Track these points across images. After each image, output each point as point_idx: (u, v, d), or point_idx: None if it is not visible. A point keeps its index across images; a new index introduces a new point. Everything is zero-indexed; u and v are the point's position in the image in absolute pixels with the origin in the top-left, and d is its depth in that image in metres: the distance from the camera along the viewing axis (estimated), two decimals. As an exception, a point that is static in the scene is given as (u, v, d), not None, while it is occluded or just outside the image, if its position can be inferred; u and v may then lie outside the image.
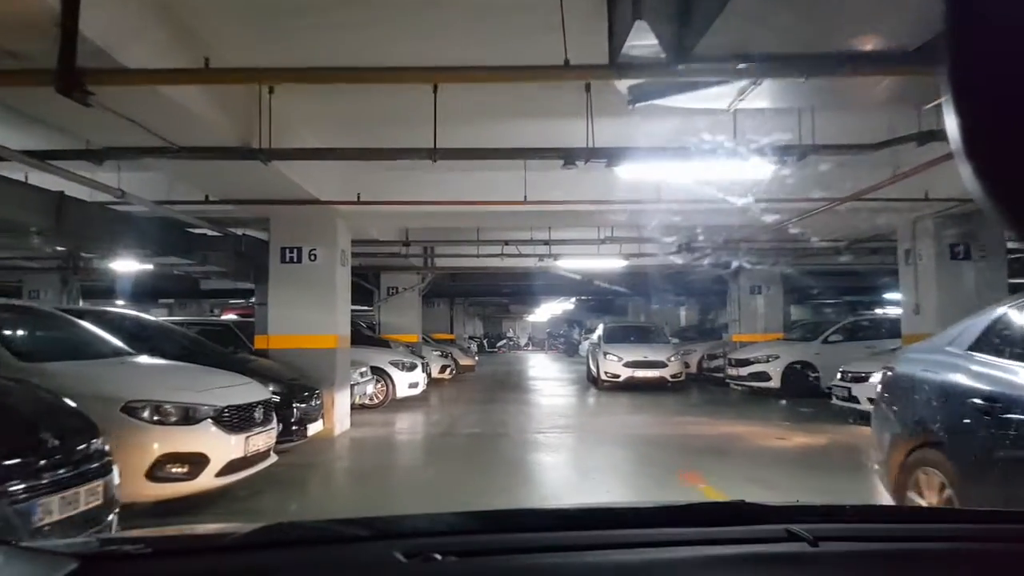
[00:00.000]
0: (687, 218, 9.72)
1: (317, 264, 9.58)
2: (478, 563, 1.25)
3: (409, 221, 11.33)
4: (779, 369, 14.95)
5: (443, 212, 9.65)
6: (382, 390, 12.93)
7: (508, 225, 12.63)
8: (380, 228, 12.11)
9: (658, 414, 11.98)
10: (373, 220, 10.51)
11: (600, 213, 9.72)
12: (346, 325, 10.23)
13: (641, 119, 6.48)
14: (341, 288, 9.90)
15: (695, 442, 9.15)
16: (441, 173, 9.26)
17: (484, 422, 11.05)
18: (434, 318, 25.43)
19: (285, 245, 9.60)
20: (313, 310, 9.51)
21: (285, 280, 9.56)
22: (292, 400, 7.66)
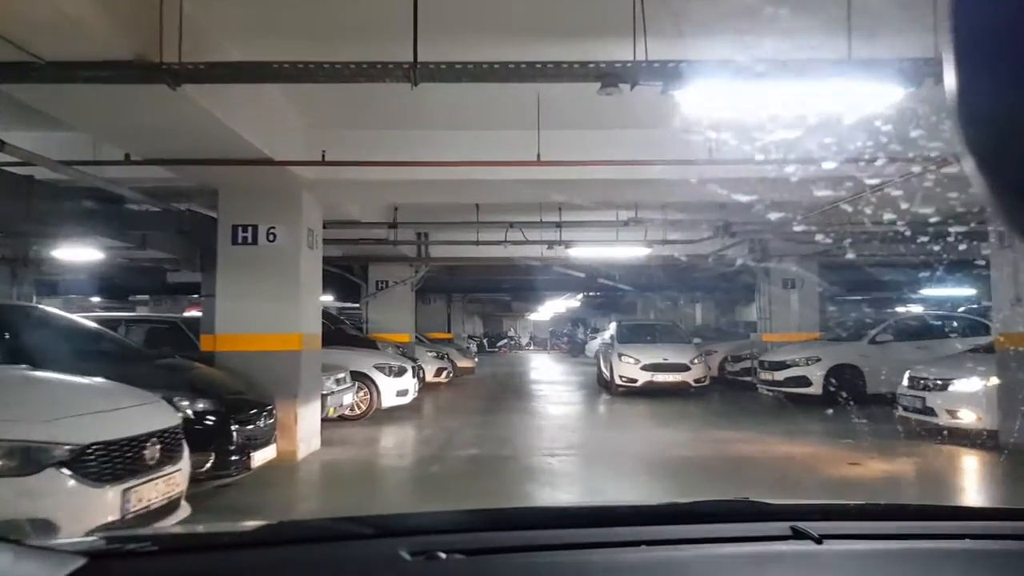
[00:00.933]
0: (735, 189, 7.86)
1: (277, 246, 7.70)
2: (483, 561, 1.24)
3: (395, 195, 9.38)
4: (821, 373, 13.09)
5: (435, 182, 7.77)
6: (365, 399, 11.06)
7: (513, 203, 10.73)
8: (361, 206, 10.21)
9: (689, 428, 10.12)
10: (349, 193, 8.60)
11: (629, 184, 7.83)
12: (315, 322, 8.35)
13: (705, 37, 4.65)
14: (308, 276, 8.02)
15: (750, 469, 7.28)
16: (431, 130, 7.41)
17: (484, 439, 9.14)
18: (430, 316, 23.65)
19: (237, 222, 7.72)
20: (272, 303, 7.63)
21: (237, 266, 7.68)
22: (230, 421, 5.79)
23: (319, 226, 8.45)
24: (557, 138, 7.00)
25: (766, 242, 14.64)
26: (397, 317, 15.79)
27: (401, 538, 1.27)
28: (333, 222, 9.99)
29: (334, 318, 14.51)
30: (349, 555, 1.27)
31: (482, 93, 6.72)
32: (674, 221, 10.03)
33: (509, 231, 11.82)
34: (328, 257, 14.78)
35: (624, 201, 11.08)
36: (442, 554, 1.19)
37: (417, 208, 11.38)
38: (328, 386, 9.06)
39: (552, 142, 6.88)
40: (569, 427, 10.54)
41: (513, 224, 10.27)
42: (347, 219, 10.04)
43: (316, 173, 7.47)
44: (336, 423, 9.79)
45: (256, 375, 7.11)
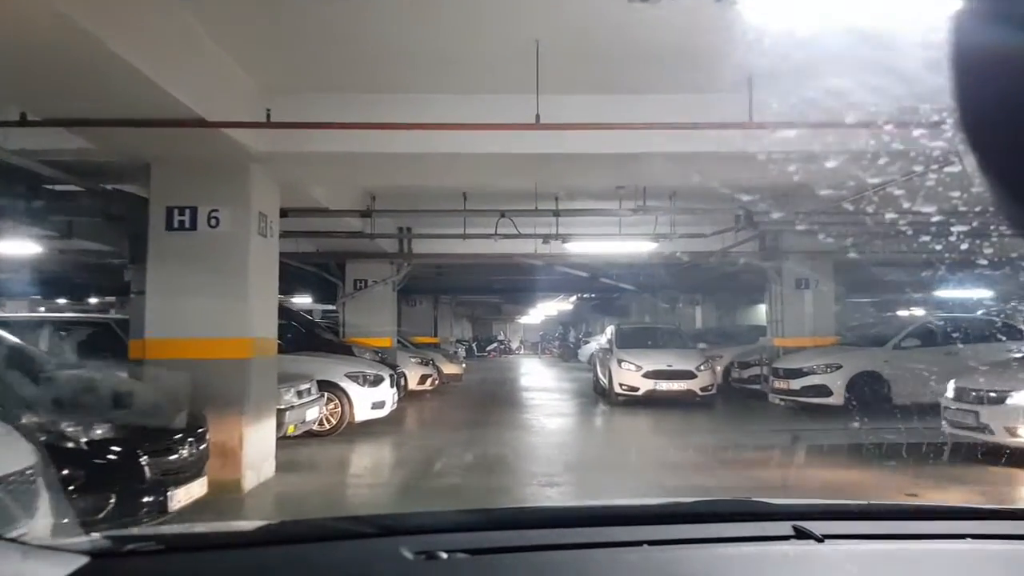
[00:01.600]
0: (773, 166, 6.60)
1: (221, 232, 6.39)
2: (484, 561, 1.25)
3: (367, 175, 8.01)
4: (842, 382, 11.93)
5: (413, 158, 6.50)
6: (335, 412, 9.74)
7: (505, 190, 9.48)
8: (329, 189, 8.88)
9: (705, 446, 8.85)
10: (311, 170, 7.25)
11: (644, 161, 6.55)
12: (269, 324, 7.04)
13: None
14: (260, 270, 6.72)
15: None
16: (409, 94, 6.12)
17: (470, 462, 7.82)
18: (415, 319, 22.37)
19: (173, 204, 6.41)
20: (214, 302, 6.32)
21: (172, 256, 6.37)
22: (138, 452, 4.48)
23: (275, 211, 7.14)
24: (559, 104, 5.74)
25: (779, 236, 13.45)
26: (377, 320, 14.44)
27: (402, 537, 1.28)
28: (297, 209, 8.69)
29: (305, 320, 13.18)
30: (350, 554, 1.28)
31: (471, 45, 5.48)
32: (686, 210, 8.76)
33: (500, 223, 10.54)
34: (300, 253, 13.51)
35: (630, 190, 9.85)
36: (443, 553, 1.19)
37: (396, 195, 10.07)
38: (287, 399, 7.75)
39: (552, 109, 5.62)
40: (568, 445, 9.24)
41: (505, 213, 8.97)
42: (314, 206, 8.71)
43: (267, 143, 6.17)
44: (300, 440, 8.49)
45: (185, 390, 5.79)
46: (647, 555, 1.28)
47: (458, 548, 1.22)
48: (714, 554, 1.31)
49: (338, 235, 10.80)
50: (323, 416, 9.63)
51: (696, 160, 6.58)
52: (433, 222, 11.75)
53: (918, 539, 1.39)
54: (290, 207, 8.63)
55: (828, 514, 1.48)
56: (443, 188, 9.91)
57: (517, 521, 1.52)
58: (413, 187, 10.01)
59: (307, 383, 8.62)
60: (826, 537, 1.30)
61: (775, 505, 1.51)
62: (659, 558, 1.28)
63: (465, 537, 1.32)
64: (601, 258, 13.85)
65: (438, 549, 1.20)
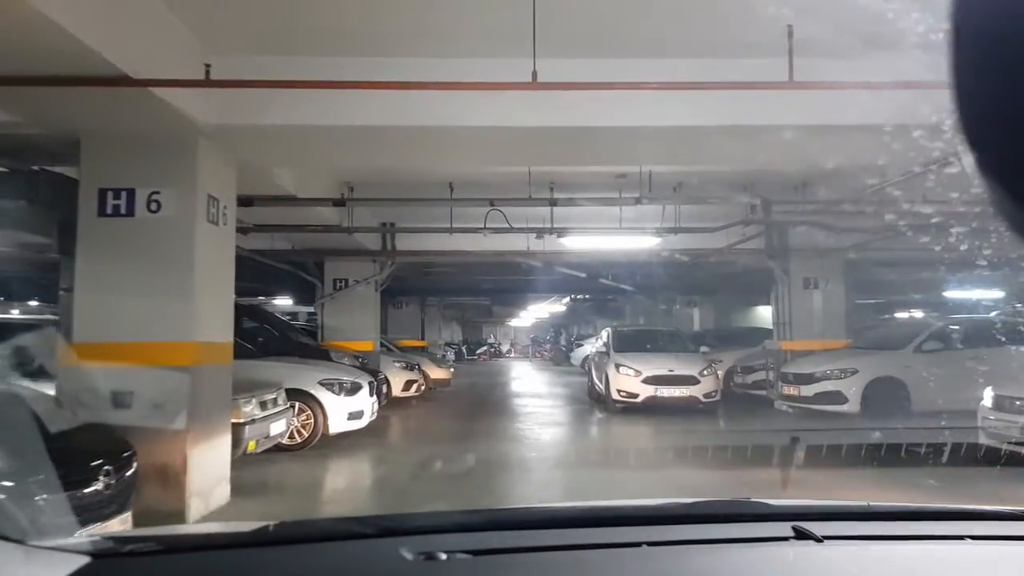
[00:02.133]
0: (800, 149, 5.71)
1: (162, 218, 5.45)
2: (483, 561, 1.24)
3: (337, 154, 6.89)
4: (858, 388, 11.07)
5: (388, 132, 5.60)
6: (308, 423, 8.81)
7: (495, 175, 8.59)
8: (298, 175, 7.94)
9: (721, 461, 7.93)
10: (272, 148, 6.25)
11: (655, 135, 5.66)
12: (222, 326, 6.09)
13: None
14: (210, 263, 5.78)
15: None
16: (384, 57, 5.21)
17: (455, 485, 6.78)
18: (402, 322, 21.48)
19: (107, 186, 5.46)
20: (154, 300, 5.37)
21: (105, 246, 5.42)
22: (32, 489, 3.54)
23: (230, 196, 6.20)
24: (558, 68, 4.84)
25: (786, 233, 12.61)
26: (359, 322, 13.48)
27: (402, 538, 1.28)
28: (263, 197, 7.78)
29: (278, 322, 12.26)
30: (350, 555, 1.29)
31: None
32: (697, 198, 7.84)
33: (490, 216, 9.65)
34: (275, 251, 12.60)
35: (631, 180, 8.97)
36: (443, 554, 1.20)
37: (375, 184, 9.13)
38: (247, 412, 6.81)
39: (550, 73, 4.72)
40: (567, 463, 8.29)
41: (495, 203, 8.05)
42: (280, 194, 7.77)
43: (215, 114, 5.25)
44: (268, 456, 7.56)
45: (125, 401, 4.87)
46: (647, 556, 1.28)
47: (458, 549, 1.22)
48: (714, 555, 1.31)
49: (312, 229, 9.86)
50: (294, 428, 8.72)
51: (715, 136, 5.68)
52: (416, 215, 10.82)
53: (918, 540, 1.40)
54: (255, 195, 7.73)
55: (828, 515, 1.49)
56: (427, 176, 9.02)
57: (517, 522, 1.51)
58: (393, 175, 9.12)
59: (273, 392, 7.68)
60: (826, 538, 1.30)
61: (774, 506, 1.51)
62: (659, 559, 1.29)
63: (465, 538, 1.34)
64: (599, 255, 12.93)
65: (438, 550, 1.20)
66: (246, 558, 1.27)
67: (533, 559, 1.27)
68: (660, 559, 1.29)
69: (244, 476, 6.63)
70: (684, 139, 5.79)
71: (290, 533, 1.34)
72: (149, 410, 4.97)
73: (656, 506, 1.58)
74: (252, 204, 7.71)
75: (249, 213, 9.02)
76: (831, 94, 4.88)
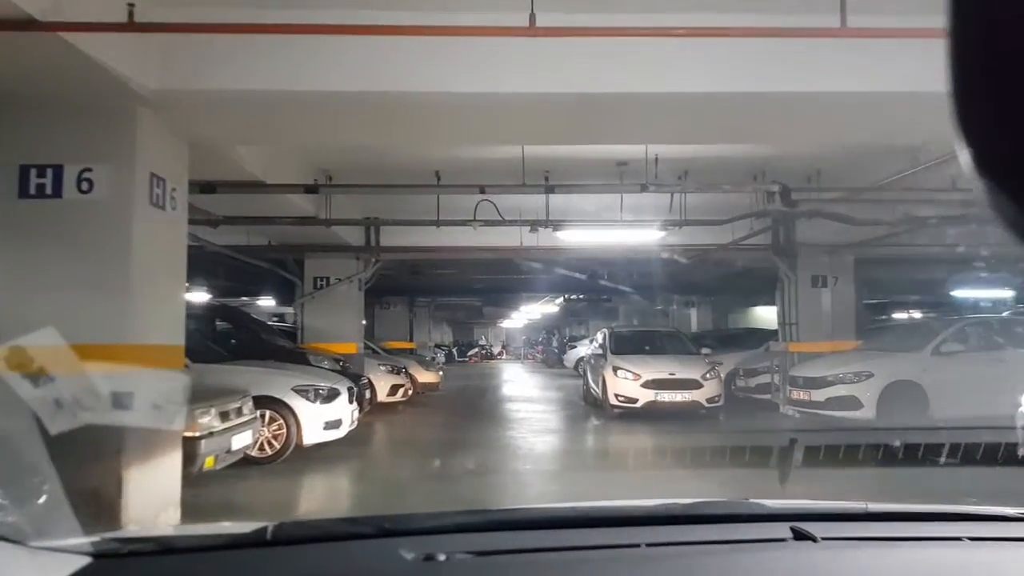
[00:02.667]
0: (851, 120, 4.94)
1: (95, 200, 4.64)
2: (483, 562, 1.25)
3: (305, 130, 6.03)
4: (874, 393, 10.33)
5: (363, 103, 4.82)
6: (280, 434, 8.01)
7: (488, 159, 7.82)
8: (267, 158, 7.14)
9: (735, 476, 7.18)
10: (227, 121, 5.34)
11: (673, 104, 4.90)
12: (168, 327, 5.26)
13: None
14: (154, 251, 4.97)
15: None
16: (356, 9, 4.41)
17: (441, 509, 6.07)
18: (389, 323, 20.74)
19: (29, 162, 4.65)
20: (83, 295, 4.57)
21: (25, 233, 4.60)
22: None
23: (181, 177, 5.39)
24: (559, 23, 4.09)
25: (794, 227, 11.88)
26: (341, 323, 12.67)
27: (402, 539, 1.29)
28: (227, 183, 6.98)
29: (251, 323, 11.45)
30: (350, 556, 1.29)
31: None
32: (710, 185, 7.03)
33: (480, 207, 8.87)
34: (251, 246, 11.80)
35: (633, 168, 8.23)
36: (442, 555, 1.20)
37: (353, 170, 8.33)
38: (205, 424, 6.01)
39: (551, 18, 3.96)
40: (566, 477, 7.48)
41: (485, 190, 7.26)
42: (247, 179, 6.97)
43: (156, 77, 4.46)
44: (233, 471, 6.77)
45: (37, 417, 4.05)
46: (646, 556, 1.28)
47: (457, 550, 1.23)
48: (712, 555, 1.30)
49: (286, 220, 9.04)
50: (264, 439, 7.93)
51: (740, 107, 4.93)
52: (400, 206, 10.03)
53: (916, 541, 1.40)
54: (218, 180, 6.94)
55: (826, 516, 1.49)
56: (411, 164, 8.24)
57: (516, 522, 1.51)
58: (374, 163, 8.34)
59: (238, 400, 6.89)
60: (824, 539, 1.30)
61: (773, 507, 1.50)
62: (657, 560, 1.29)
63: (464, 538, 1.34)
64: (596, 252, 12.17)
65: (437, 551, 1.20)
66: (246, 559, 1.28)
67: (532, 560, 1.27)
68: (659, 560, 1.29)
69: (202, 496, 5.85)
70: (701, 110, 5.02)
71: (290, 534, 1.33)
72: (72, 428, 4.17)
73: (655, 507, 1.55)
74: (215, 191, 6.92)
75: (217, 203, 8.24)
76: (880, 55, 4.15)
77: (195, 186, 6.86)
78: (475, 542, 1.30)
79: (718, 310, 21.84)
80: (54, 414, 4.15)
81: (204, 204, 8.41)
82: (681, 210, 9.01)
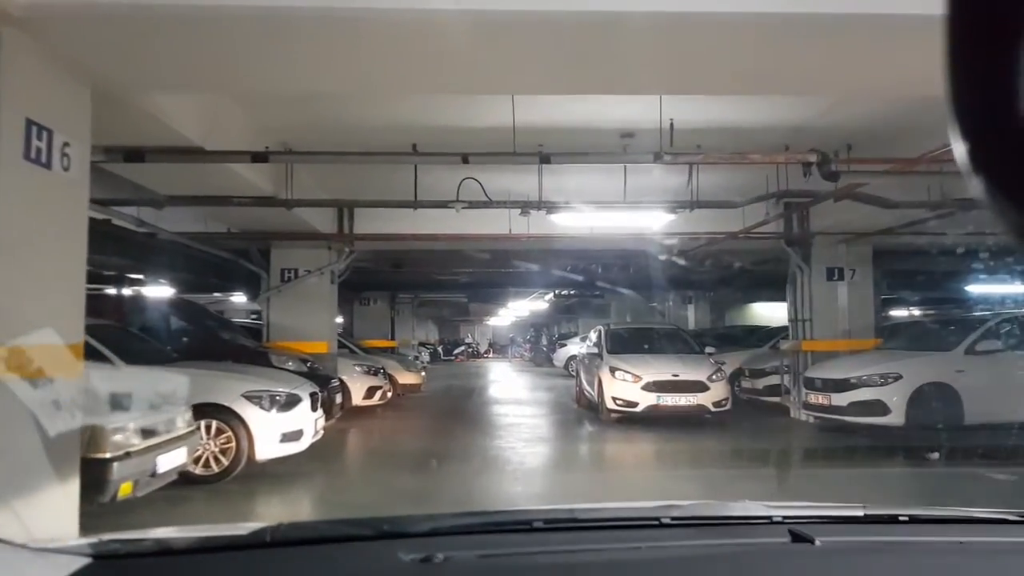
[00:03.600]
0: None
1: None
2: (481, 564, 1.25)
3: (230, 63, 4.67)
4: (902, 396, 9.29)
5: (312, 33, 3.68)
6: (227, 448, 6.84)
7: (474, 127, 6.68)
8: (204, 114, 5.91)
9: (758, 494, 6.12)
10: (127, 50, 4.02)
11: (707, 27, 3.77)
12: (62, 322, 4.07)
13: None
14: (29, 221, 3.78)
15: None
16: None
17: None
18: (370, 320, 19.63)
19: None
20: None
21: None
22: None
23: (79, 130, 4.17)
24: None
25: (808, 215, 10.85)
26: (311, 319, 11.46)
27: (399, 540, 1.30)
28: (156, 149, 5.79)
29: (213, 320, 10.28)
30: (347, 557, 1.29)
31: None
32: (736, 154, 5.88)
33: (464, 186, 7.74)
34: (209, 234, 10.61)
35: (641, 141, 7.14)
36: (440, 557, 1.18)
37: (317, 141, 7.14)
38: (119, 441, 4.84)
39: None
40: (563, 499, 6.35)
41: (468, 159, 6.10)
42: (181, 144, 5.77)
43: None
44: (171, 492, 5.62)
45: None
46: (644, 559, 1.28)
47: (455, 552, 1.22)
48: (711, 558, 1.30)
49: (241, 201, 7.84)
50: (210, 455, 6.78)
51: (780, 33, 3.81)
52: (374, 187, 8.87)
53: (914, 545, 1.40)
54: (146, 145, 5.76)
55: (824, 519, 1.49)
56: (383, 131, 7.10)
57: (514, 524, 1.50)
58: (338, 131, 7.18)
59: (171, 411, 5.73)
60: (822, 542, 1.29)
61: (771, 507, 1.49)
62: (656, 562, 1.28)
63: (462, 540, 1.34)
64: (595, 240, 11.01)
65: (435, 552, 1.19)
66: (244, 560, 1.27)
67: (531, 562, 1.27)
68: (658, 562, 1.28)
69: (118, 526, 4.68)
70: (726, 39, 3.89)
71: (288, 535, 1.33)
72: None
73: (653, 508, 1.51)
74: (143, 159, 5.73)
75: (153, 177, 7.06)
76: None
77: (117, 152, 5.74)
78: (473, 544, 1.31)
79: (716, 307, 20.78)
80: None
81: (144, 179, 7.25)
82: (693, 191, 7.91)
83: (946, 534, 1.44)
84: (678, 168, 8.03)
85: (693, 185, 7.87)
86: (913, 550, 1.37)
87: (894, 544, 1.39)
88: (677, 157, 5.92)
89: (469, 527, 1.44)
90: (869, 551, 1.36)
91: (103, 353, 6.32)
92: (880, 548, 1.37)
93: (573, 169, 8.61)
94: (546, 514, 1.58)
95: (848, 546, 1.36)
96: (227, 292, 16.46)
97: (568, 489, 6.91)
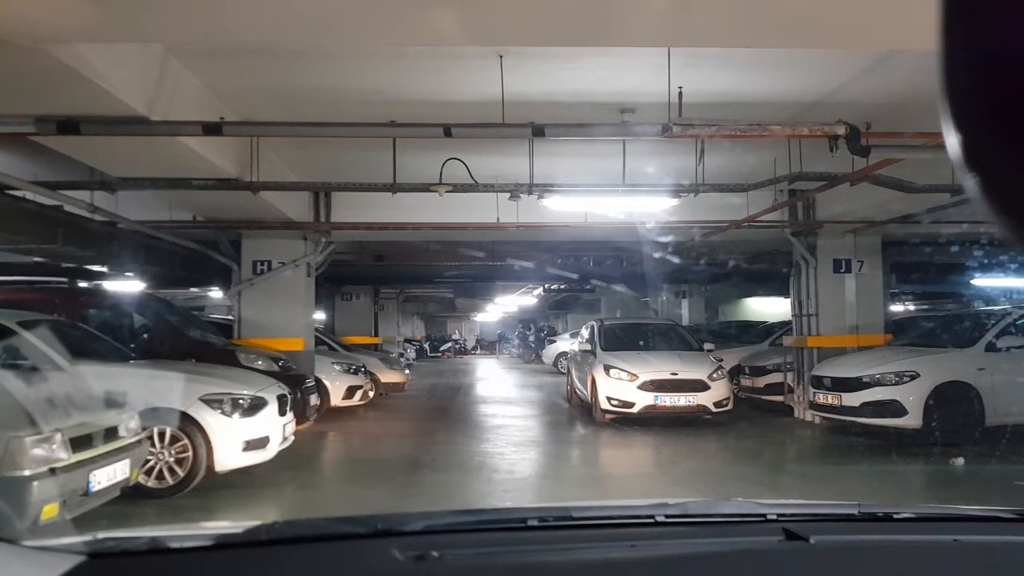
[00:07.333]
0: None
1: None
2: (476, 562, 1.25)
3: (182, 23, 4.06)
4: (920, 396, 8.65)
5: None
6: (184, 457, 6.11)
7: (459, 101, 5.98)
8: (148, 82, 5.15)
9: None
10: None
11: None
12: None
13: None
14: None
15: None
16: None
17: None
18: (352, 316, 18.93)
19: None
20: None
21: None
22: None
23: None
24: None
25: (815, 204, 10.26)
26: (285, 315, 10.69)
27: (394, 538, 1.28)
28: (94, 119, 5.04)
29: (178, 315, 9.53)
30: (344, 555, 1.28)
31: None
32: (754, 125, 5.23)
33: (448, 167, 7.03)
34: (174, 223, 9.86)
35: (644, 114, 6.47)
36: (435, 554, 1.18)
37: (283, 117, 6.40)
38: (41, 456, 4.11)
39: None
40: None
41: (452, 132, 5.37)
42: (124, 114, 5.02)
43: None
44: (119, 507, 4.94)
45: None
46: (638, 554, 1.28)
47: (450, 549, 1.21)
48: (705, 556, 1.30)
49: (199, 184, 7.08)
50: (163, 464, 6.06)
51: None
52: (350, 171, 8.14)
53: (908, 543, 1.39)
54: (82, 114, 5.03)
55: (818, 516, 1.49)
56: (358, 103, 6.39)
57: (509, 522, 1.51)
58: (306, 104, 6.46)
59: (113, 417, 5.01)
60: (816, 540, 1.29)
61: (765, 506, 1.49)
62: (650, 559, 1.28)
63: (457, 538, 1.33)
64: (589, 229, 10.31)
65: (430, 550, 1.19)
66: (239, 558, 1.27)
67: (525, 560, 1.26)
68: (651, 560, 1.28)
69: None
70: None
71: (283, 533, 1.33)
72: None
73: (648, 507, 1.50)
74: (79, 130, 4.99)
75: (100, 154, 6.32)
76: None
77: (49, 122, 4.99)
78: (469, 542, 1.31)
79: (710, 303, 20.14)
80: None
81: (90, 158, 6.52)
82: (699, 173, 7.25)
83: (941, 532, 1.43)
84: (681, 150, 7.41)
85: (700, 165, 7.19)
86: (908, 548, 1.37)
87: (889, 542, 1.40)
88: (687, 129, 5.21)
89: (464, 525, 1.45)
90: (864, 549, 1.37)
91: (44, 352, 5.64)
92: (875, 546, 1.38)
93: (567, 151, 7.96)
94: (541, 512, 1.56)
95: (842, 544, 1.37)
96: (197, 286, 15.67)
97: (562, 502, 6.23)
